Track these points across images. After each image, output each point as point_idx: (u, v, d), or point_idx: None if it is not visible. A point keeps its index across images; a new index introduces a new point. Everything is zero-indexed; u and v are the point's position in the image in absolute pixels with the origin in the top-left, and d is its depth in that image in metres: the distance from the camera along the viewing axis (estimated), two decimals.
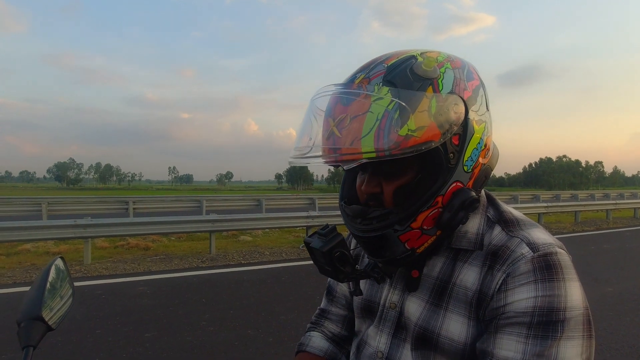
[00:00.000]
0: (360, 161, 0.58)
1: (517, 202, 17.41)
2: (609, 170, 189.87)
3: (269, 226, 8.59)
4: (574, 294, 0.58)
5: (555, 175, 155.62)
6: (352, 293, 0.74)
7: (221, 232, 8.45)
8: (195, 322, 3.86)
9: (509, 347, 0.58)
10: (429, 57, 0.63)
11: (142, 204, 12.95)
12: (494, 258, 0.64)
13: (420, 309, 0.69)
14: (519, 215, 0.70)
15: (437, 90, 0.60)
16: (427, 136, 0.58)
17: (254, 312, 4.16)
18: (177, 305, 4.39)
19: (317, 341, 0.88)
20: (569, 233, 10.61)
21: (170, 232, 7.70)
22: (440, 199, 0.63)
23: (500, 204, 0.72)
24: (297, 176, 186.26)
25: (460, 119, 0.62)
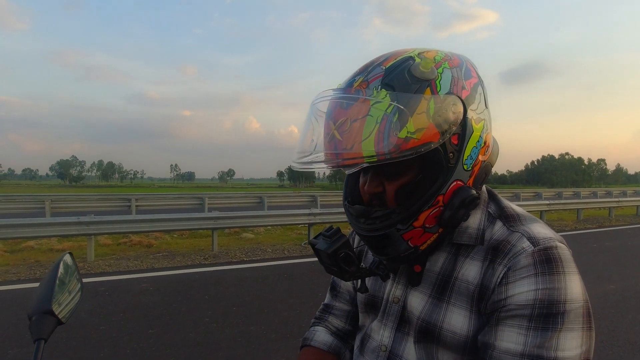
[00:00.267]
0: (361, 165, 0.60)
1: (519, 200, 17.38)
2: (611, 167, 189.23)
3: (271, 223, 8.61)
4: (573, 286, 0.59)
5: (557, 172, 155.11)
6: (357, 290, 0.75)
7: (223, 229, 8.48)
8: (198, 318, 3.89)
9: (510, 339, 0.59)
10: (426, 57, 0.64)
11: (145, 202, 12.98)
12: (495, 252, 0.65)
13: (423, 303, 0.70)
14: (520, 210, 0.71)
15: (435, 91, 0.61)
16: (426, 138, 0.59)
17: (256, 308, 4.19)
18: (180, 302, 4.42)
19: (321, 336, 0.89)
20: (571, 231, 10.59)
21: (173, 229, 7.73)
22: (441, 198, 0.64)
23: (501, 199, 0.74)
24: (299, 174, 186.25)
25: (458, 119, 0.62)
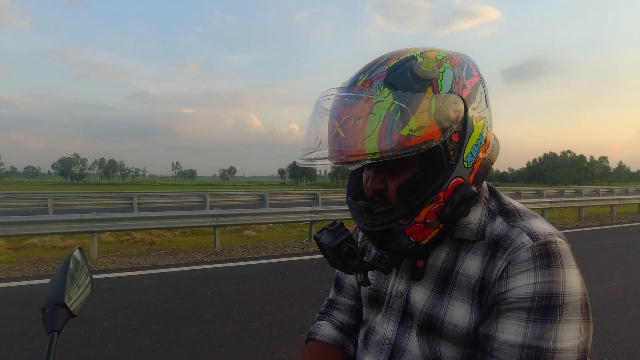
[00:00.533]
0: (364, 162, 0.62)
1: (521, 198, 17.32)
2: (613, 165, 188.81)
3: (272, 221, 8.63)
4: (572, 280, 0.61)
5: (559, 170, 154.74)
6: (360, 283, 0.77)
7: (225, 226, 8.50)
8: (201, 315, 3.91)
9: (510, 331, 0.61)
10: (428, 57, 0.65)
11: (147, 199, 13.00)
12: (495, 247, 0.67)
13: (426, 297, 0.72)
14: (520, 206, 0.73)
15: (436, 90, 0.63)
16: (427, 135, 0.60)
17: (258, 305, 4.21)
18: (183, 298, 4.45)
19: (326, 330, 0.91)
20: (573, 228, 10.58)
21: (175, 226, 7.76)
22: (442, 194, 0.65)
23: (501, 195, 0.75)
24: (300, 171, 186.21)
25: (459, 117, 0.64)
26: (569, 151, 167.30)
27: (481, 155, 0.69)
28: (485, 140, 0.69)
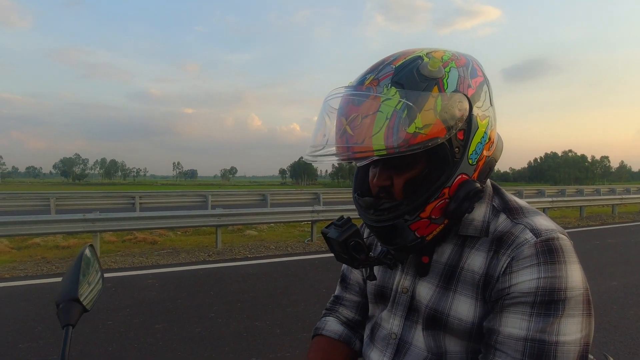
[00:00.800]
0: (371, 158, 0.63)
1: (522, 197, 17.34)
2: (615, 165, 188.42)
3: (274, 221, 8.65)
4: (574, 275, 0.62)
5: (560, 170, 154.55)
6: (366, 278, 0.79)
7: (227, 226, 8.52)
8: (203, 314, 3.93)
9: (514, 325, 0.62)
10: (434, 57, 0.67)
11: (148, 199, 13.03)
12: (499, 243, 0.68)
13: (431, 292, 0.74)
14: (523, 203, 0.74)
15: (442, 89, 0.64)
16: (433, 133, 0.62)
17: (261, 304, 4.23)
18: (185, 297, 4.47)
19: (332, 325, 0.92)
20: (574, 228, 10.58)
21: (178, 226, 7.78)
22: (446, 190, 0.67)
23: (505, 193, 0.77)
24: (301, 171, 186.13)
25: (464, 116, 0.66)
26: (570, 151, 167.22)
27: (485, 153, 0.71)
28: (490, 139, 0.71)
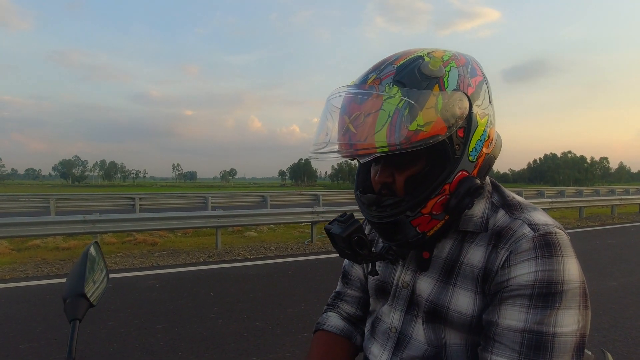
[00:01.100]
0: (374, 155, 0.64)
1: None
2: (614, 166, 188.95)
3: (274, 222, 8.66)
4: (571, 269, 0.64)
5: (560, 171, 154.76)
6: (368, 273, 0.80)
7: (227, 227, 8.53)
8: (204, 314, 3.94)
9: (512, 317, 0.64)
10: (435, 56, 0.69)
11: (148, 201, 13.05)
12: (498, 238, 0.70)
13: (431, 286, 0.75)
14: (522, 199, 0.76)
15: (443, 88, 0.66)
16: (434, 130, 0.63)
17: (261, 305, 4.24)
18: (186, 298, 4.48)
19: (333, 320, 0.94)
20: (574, 228, 10.60)
21: (178, 227, 7.80)
22: (447, 186, 0.68)
23: (504, 190, 0.78)
24: (301, 173, 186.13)
25: (464, 114, 0.67)
26: (569, 152, 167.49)
27: (485, 150, 0.72)
28: (489, 136, 0.73)
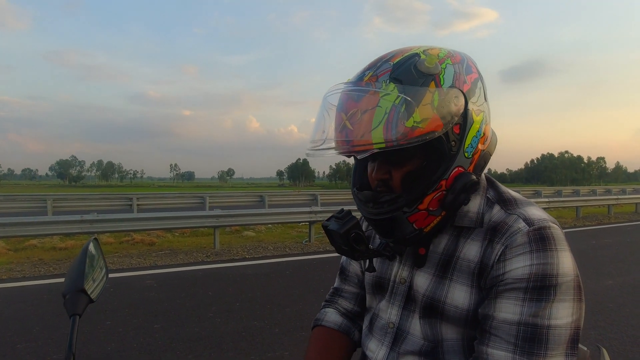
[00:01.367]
0: (371, 151, 0.65)
1: None
2: (611, 166, 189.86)
3: (272, 222, 8.66)
4: (565, 262, 0.65)
5: (557, 171, 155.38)
6: (366, 270, 0.81)
7: (225, 227, 8.53)
8: (202, 314, 3.94)
9: (508, 310, 0.65)
10: (431, 54, 0.69)
11: (146, 201, 13.02)
12: (493, 233, 0.70)
13: (428, 281, 0.76)
14: (517, 195, 0.77)
15: (439, 84, 0.66)
16: (430, 127, 0.64)
17: (259, 304, 4.25)
18: (184, 298, 4.48)
19: (331, 316, 0.94)
20: (570, 228, 10.65)
21: (176, 227, 7.79)
22: (443, 182, 0.69)
23: (499, 185, 0.79)
24: (299, 173, 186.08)
25: (460, 110, 0.68)
26: (566, 152, 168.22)
27: (480, 146, 0.73)
28: (484, 133, 0.73)
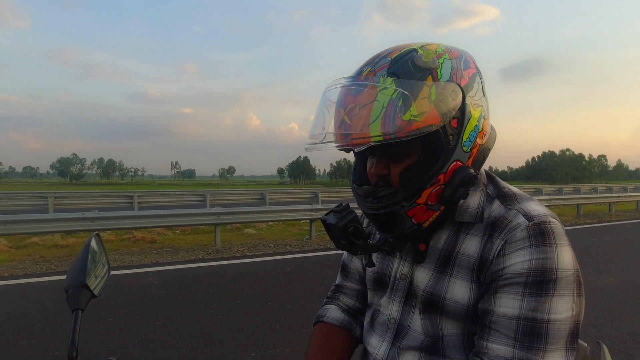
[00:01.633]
0: (369, 144, 0.65)
1: None
2: (612, 163, 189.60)
3: (273, 219, 8.67)
4: (565, 257, 0.65)
5: (558, 168, 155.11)
6: (365, 265, 0.81)
7: (226, 225, 8.54)
8: (203, 310, 3.96)
9: (507, 305, 0.65)
10: (428, 49, 0.70)
11: (147, 198, 13.03)
12: (493, 228, 0.71)
13: (428, 277, 0.76)
14: (517, 190, 0.77)
15: (436, 79, 0.67)
16: (428, 120, 0.64)
17: (260, 301, 4.26)
18: (185, 295, 4.49)
19: (333, 313, 0.95)
20: (571, 226, 10.65)
21: (177, 224, 7.80)
22: (442, 176, 0.69)
23: (499, 181, 0.79)
24: (300, 170, 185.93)
25: (458, 104, 0.68)
26: (567, 149, 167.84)
27: (479, 141, 0.73)
28: (482, 128, 0.73)
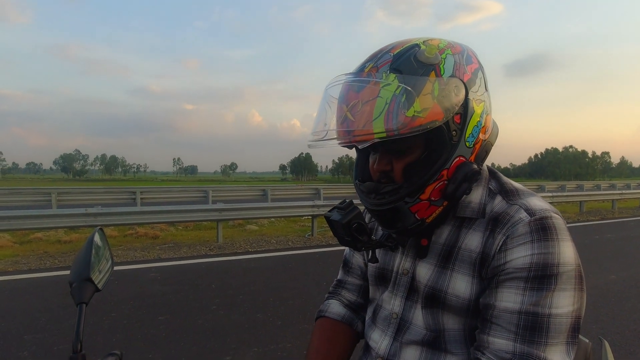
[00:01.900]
0: (372, 141, 0.65)
1: None
2: (615, 160, 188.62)
3: (275, 215, 8.69)
4: (566, 252, 0.65)
5: (561, 165, 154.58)
6: (369, 261, 0.81)
7: (228, 221, 8.56)
8: (206, 306, 3.98)
9: (509, 299, 0.65)
10: (430, 44, 0.69)
11: (149, 194, 13.07)
12: (495, 223, 0.71)
13: (430, 272, 0.76)
14: (519, 186, 0.77)
15: (439, 74, 0.66)
16: (431, 116, 0.64)
17: (262, 297, 4.27)
18: (187, 290, 4.51)
19: (335, 308, 0.95)
20: (573, 223, 10.64)
21: (179, 220, 7.82)
22: (445, 172, 0.69)
23: (501, 176, 0.79)
24: (302, 167, 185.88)
25: (461, 100, 0.68)
26: (570, 146, 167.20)
27: (481, 136, 0.73)
28: (485, 123, 0.73)
